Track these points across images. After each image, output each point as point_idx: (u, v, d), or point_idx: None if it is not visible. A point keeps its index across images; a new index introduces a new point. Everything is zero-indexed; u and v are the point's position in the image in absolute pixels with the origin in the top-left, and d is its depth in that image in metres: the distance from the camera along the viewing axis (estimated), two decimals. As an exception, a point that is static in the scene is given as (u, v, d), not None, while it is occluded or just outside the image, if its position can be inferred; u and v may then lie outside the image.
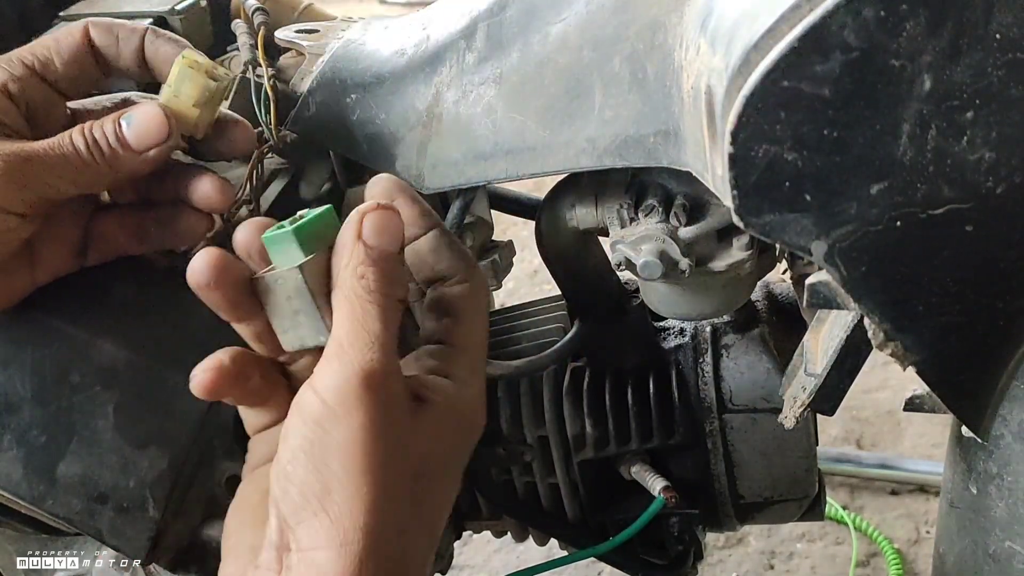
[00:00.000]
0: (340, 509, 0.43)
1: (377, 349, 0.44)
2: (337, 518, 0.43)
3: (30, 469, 0.57)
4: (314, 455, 0.43)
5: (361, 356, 0.44)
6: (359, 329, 0.45)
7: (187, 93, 0.55)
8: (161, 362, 0.58)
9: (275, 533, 0.44)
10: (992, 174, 0.41)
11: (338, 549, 0.43)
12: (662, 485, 0.72)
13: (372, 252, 0.46)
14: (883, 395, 1.60)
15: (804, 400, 0.54)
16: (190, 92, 0.55)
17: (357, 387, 0.43)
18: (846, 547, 1.39)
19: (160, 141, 0.54)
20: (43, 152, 0.52)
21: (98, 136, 0.53)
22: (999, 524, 0.53)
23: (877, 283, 0.43)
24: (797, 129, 0.39)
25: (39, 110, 0.55)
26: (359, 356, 0.44)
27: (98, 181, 0.54)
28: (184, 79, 0.55)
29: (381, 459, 0.44)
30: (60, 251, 0.57)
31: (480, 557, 1.41)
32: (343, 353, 0.44)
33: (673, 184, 0.61)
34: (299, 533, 0.44)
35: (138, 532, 0.57)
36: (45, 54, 0.55)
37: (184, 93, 0.55)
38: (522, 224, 0.89)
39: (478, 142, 0.59)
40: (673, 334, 0.77)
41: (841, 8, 0.37)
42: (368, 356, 0.44)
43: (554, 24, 0.55)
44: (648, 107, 0.51)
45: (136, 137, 0.53)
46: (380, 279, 0.46)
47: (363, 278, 0.46)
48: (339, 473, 0.43)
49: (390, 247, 0.47)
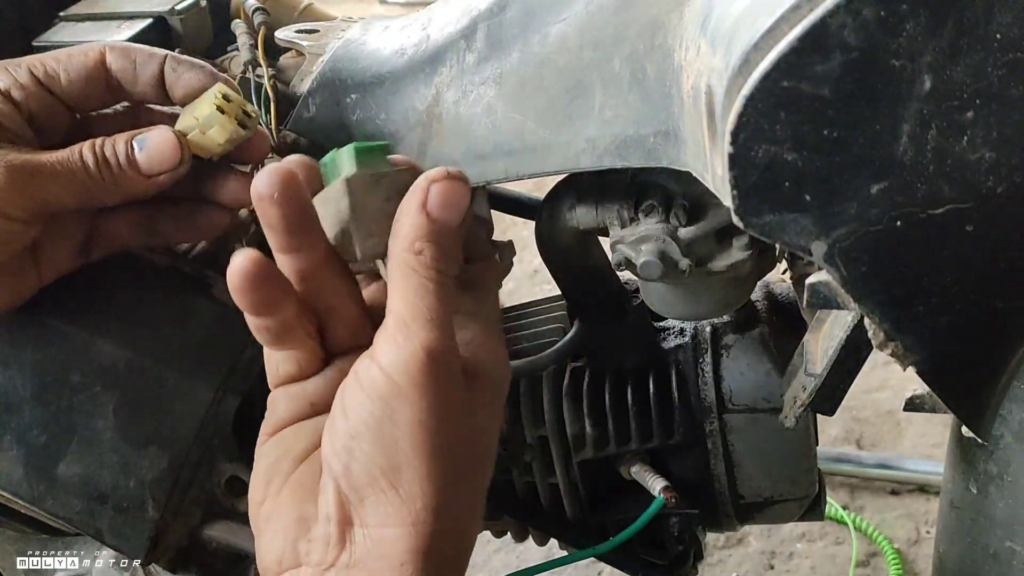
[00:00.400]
0: (411, 489, 0.43)
1: (439, 326, 0.44)
2: (408, 497, 0.43)
3: (30, 469, 0.57)
4: (382, 432, 0.43)
5: (426, 333, 0.43)
6: (420, 304, 0.44)
7: (214, 136, 0.54)
8: (161, 362, 0.58)
9: (334, 507, 0.44)
10: (992, 174, 0.41)
11: (409, 528, 0.43)
12: (662, 485, 0.72)
13: (435, 226, 0.45)
14: (883, 395, 1.59)
15: (804, 400, 0.54)
16: (216, 137, 0.54)
17: (424, 364, 0.43)
18: (846, 547, 1.39)
19: (171, 168, 0.53)
20: (50, 165, 0.52)
21: (108, 154, 0.53)
22: (999, 524, 0.53)
23: (877, 283, 0.43)
24: (797, 129, 0.39)
25: (43, 119, 0.55)
26: (423, 333, 0.43)
27: (102, 198, 0.54)
28: (214, 121, 0.54)
29: (449, 439, 0.44)
30: (65, 250, 0.57)
31: (480, 557, 1.41)
32: (406, 329, 0.43)
33: (673, 184, 0.61)
34: (365, 509, 0.43)
35: (138, 532, 0.57)
36: (53, 67, 0.55)
37: (211, 133, 0.54)
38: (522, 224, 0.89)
39: (478, 142, 0.59)
40: (673, 334, 0.77)
41: (841, 8, 0.37)
42: (433, 333, 0.43)
43: (554, 24, 0.55)
44: (648, 107, 0.51)
45: (148, 161, 0.53)
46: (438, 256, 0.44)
47: (420, 253, 0.44)
48: (409, 453, 0.43)
49: (454, 221, 0.45)
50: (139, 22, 0.75)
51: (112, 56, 0.55)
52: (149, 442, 0.57)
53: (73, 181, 0.52)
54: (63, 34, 0.76)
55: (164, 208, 0.58)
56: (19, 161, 0.51)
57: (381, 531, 0.43)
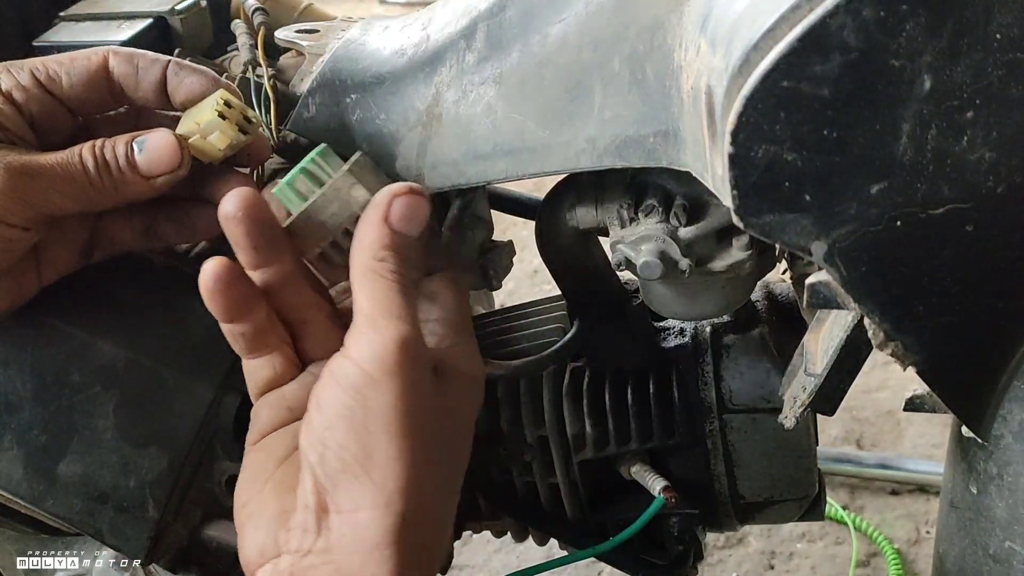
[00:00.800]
0: (383, 472, 0.45)
1: (406, 320, 0.47)
2: (380, 481, 0.45)
3: (30, 469, 0.57)
4: (354, 421, 0.45)
5: (394, 325, 0.46)
6: (386, 302, 0.47)
7: (214, 142, 0.54)
8: (161, 362, 0.58)
9: (311, 496, 0.46)
10: (992, 174, 0.41)
11: (382, 509, 0.45)
12: (662, 485, 0.72)
13: (396, 237, 0.48)
14: (883, 395, 1.59)
15: (804, 400, 0.54)
16: (217, 143, 0.54)
17: (395, 353, 0.45)
18: (846, 547, 1.39)
19: (170, 170, 0.53)
20: (50, 167, 0.52)
21: (108, 156, 0.53)
22: (999, 524, 0.53)
23: (877, 283, 0.43)
24: (797, 129, 0.39)
25: (44, 121, 0.55)
26: (392, 325, 0.46)
27: (101, 201, 0.54)
28: (215, 127, 0.54)
29: (419, 423, 0.46)
30: (67, 252, 0.57)
31: (480, 557, 1.41)
32: (375, 323, 0.46)
33: (673, 184, 0.61)
34: (339, 496, 0.45)
35: (138, 532, 0.57)
36: (55, 70, 0.55)
37: (212, 139, 0.54)
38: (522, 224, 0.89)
39: (478, 142, 0.59)
40: (673, 334, 0.77)
41: (841, 8, 0.37)
42: (401, 326, 0.46)
43: (554, 24, 0.55)
44: (648, 107, 0.51)
45: (147, 163, 0.53)
46: (399, 262, 0.48)
47: (383, 261, 0.47)
48: (380, 437, 0.45)
49: (414, 232, 0.48)
50: (139, 22, 0.75)
51: (115, 60, 0.55)
52: (149, 442, 0.57)
53: (73, 183, 0.52)
54: (63, 34, 0.75)
55: (164, 210, 0.58)
56: (19, 163, 0.51)
57: (355, 515, 0.45)
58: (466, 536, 1.06)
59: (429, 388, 0.48)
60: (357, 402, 0.45)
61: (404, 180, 0.62)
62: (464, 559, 1.41)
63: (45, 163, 0.52)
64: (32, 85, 0.54)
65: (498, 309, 0.89)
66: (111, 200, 0.54)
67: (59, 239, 0.56)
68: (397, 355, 0.45)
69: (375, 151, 0.63)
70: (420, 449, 0.46)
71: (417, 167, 0.62)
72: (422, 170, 0.62)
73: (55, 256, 0.56)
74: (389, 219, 0.48)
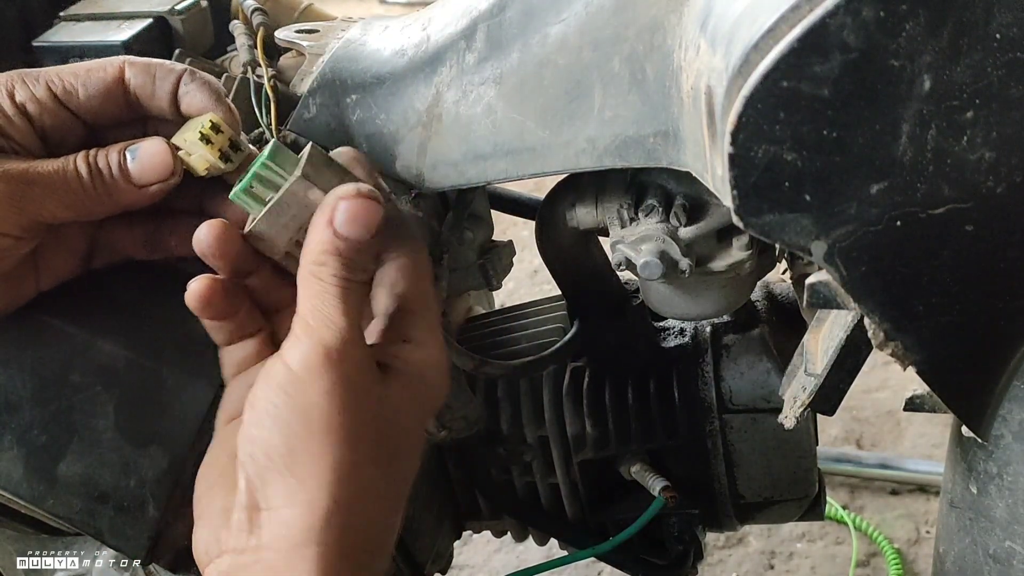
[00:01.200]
0: (305, 469, 0.46)
1: (340, 323, 0.47)
2: (302, 477, 0.46)
3: (30, 469, 0.57)
4: (279, 418, 0.46)
5: (325, 329, 0.47)
6: (321, 307, 0.48)
7: (197, 161, 0.54)
8: (161, 362, 0.58)
9: (244, 495, 0.47)
10: (992, 174, 0.41)
11: (305, 506, 0.45)
12: (662, 485, 0.72)
13: (339, 241, 0.48)
14: (883, 395, 1.59)
15: (804, 400, 0.54)
16: (195, 165, 0.54)
17: (322, 355, 0.46)
18: (846, 547, 1.39)
19: (162, 179, 0.53)
20: (46, 175, 0.52)
21: (101, 164, 0.53)
22: (999, 524, 0.53)
23: (877, 283, 0.43)
24: (797, 129, 0.39)
25: (56, 133, 0.55)
26: (322, 329, 0.47)
27: (95, 209, 0.54)
28: (196, 149, 0.53)
29: (346, 422, 0.46)
30: (66, 259, 0.57)
31: (480, 557, 1.41)
32: (308, 327, 0.47)
33: (673, 184, 0.61)
34: (267, 493, 0.46)
35: (138, 532, 0.57)
36: (71, 82, 0.54)
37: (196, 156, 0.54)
38: (522, 224, 0.89)
39: (478, 142, 0.59)
40: (673, 334, 0.77)
41: (841, 8, 0.37)
42: (331, 330, 0.47)
43: (554, 25, 0.55)
44: (648, 107, 0.51)
45: (139, 171, 0.53)
46: (340, 267, 0.48)
47: (324, 265, 0.48)
48: (303, 435, 0.46)
49: (360, 237, 0.48)
50: (139, 22, 0.75)
51: (131, 71, 0.55)
52: (149, 441, 0.57)
53: (67, 191, 0.52)
54: (63, 34, 0.75)
55: (166, 222, 0.58)
56: (16, 171, 0.51)
57: (281, 512, 0.46)
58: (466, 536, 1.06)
59: (367, 387, 0.48)
60: (281, 400, 0.46)
61: (404, 180, 0.63)
62: (464, 559, 1.41)
63: (41, 171, 0.52)
64: (48, 99, 0.54)
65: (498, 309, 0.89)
66: (105, 208, 0.54)
67: (58, 246, 0.56)
68: (324, 357, 0.46)
69: (375, 151, 0.63)
70: (350, 448, 0.46)
71: (417, 167, 0.62)
72: (422, 170, 0.62)
73: (54, 263, 0.56)
74: (333, 223, 0.48)
